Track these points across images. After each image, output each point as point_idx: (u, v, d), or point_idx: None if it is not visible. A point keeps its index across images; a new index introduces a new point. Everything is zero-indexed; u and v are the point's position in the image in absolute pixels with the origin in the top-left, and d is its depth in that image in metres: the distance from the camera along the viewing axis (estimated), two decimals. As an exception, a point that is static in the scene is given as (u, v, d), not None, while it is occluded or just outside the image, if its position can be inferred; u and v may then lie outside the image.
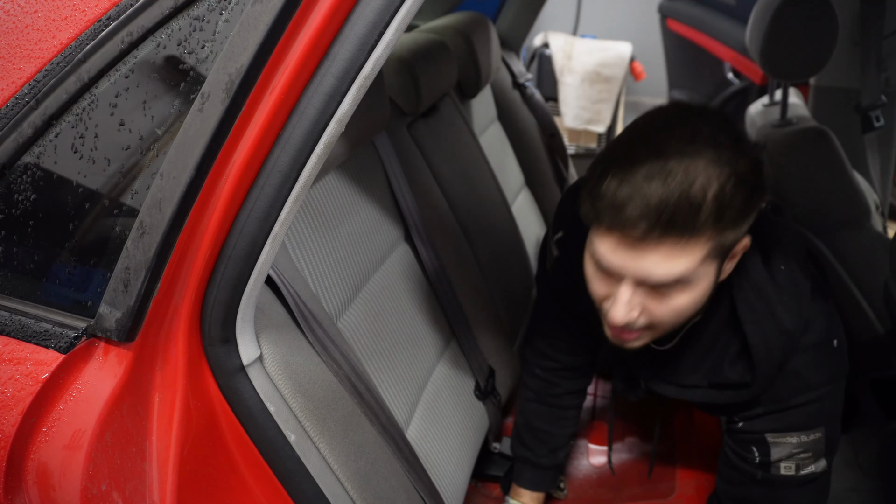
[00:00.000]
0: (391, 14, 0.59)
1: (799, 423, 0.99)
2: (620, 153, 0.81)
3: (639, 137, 0.83)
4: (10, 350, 0.67)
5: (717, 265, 0.84)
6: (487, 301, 1.46)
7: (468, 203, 1.51)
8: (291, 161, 0.63)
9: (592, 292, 0.91)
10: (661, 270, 0.80)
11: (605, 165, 0.81)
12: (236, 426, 0.75)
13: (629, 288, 0.83)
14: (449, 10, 1.97)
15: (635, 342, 0.91)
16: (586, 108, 3.04)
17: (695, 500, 1.36)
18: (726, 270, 0.89)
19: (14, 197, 0.70)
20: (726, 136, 0.80)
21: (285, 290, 0.83)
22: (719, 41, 2.40)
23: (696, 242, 0.79)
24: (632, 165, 0.78)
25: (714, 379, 1.01)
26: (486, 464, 1.42)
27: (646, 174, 0.77)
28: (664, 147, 0.78)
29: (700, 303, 0.87)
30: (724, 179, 0.77)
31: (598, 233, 0.84)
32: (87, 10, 0.67)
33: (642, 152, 0.79)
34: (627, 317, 0.84)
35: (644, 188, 0.76)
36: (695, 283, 0.83)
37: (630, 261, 0.81)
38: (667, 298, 0.84)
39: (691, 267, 0.80)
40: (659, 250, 0.79)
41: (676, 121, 0.83)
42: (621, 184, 0.78)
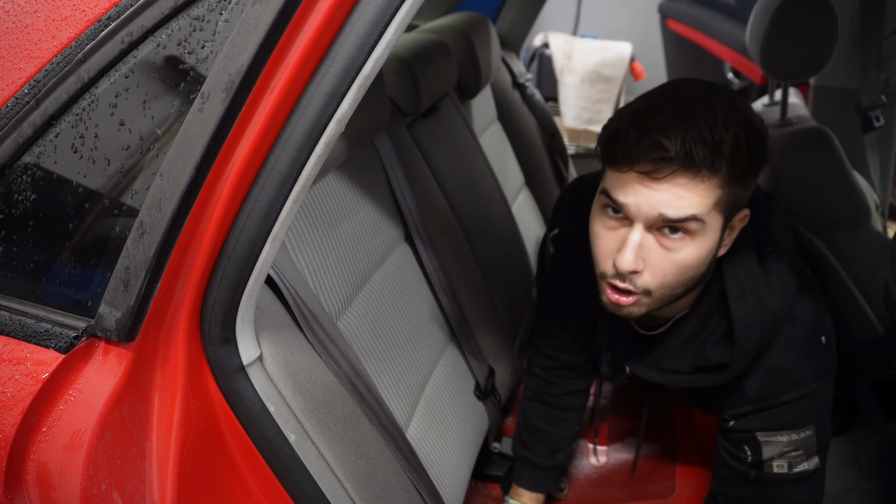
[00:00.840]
0: (391, 14, 0.59)
1: (788, 422, 1.00)
2: (640, 102, 0.84)
3: (658, 91, 0.86)
4: (10, 350, 0.67)
5: (722, 223, 0.85)
6: (487, 301, 1.46)
7: (468, 203, 1.51)
8: (291, 161, 0.63)
9: (599, 254, 0.90)
10: (676, 206, 0.81)
11: (624, 112, 0.84)
12: (236, 426, 0.75)
13: (640, 231, 0.84)
14: (449, 10, 1.97)
15: (632, 308, 0.90)
16: (586, 108, 3.04)
17: (695, 499, 1.36)
18: (725, 243, 0.90)
19: (14, 197, 0.70)
20: (738, 99, 0.85)
21: (285, 290, 0.83)
22: (719, 41, 2.40)
23: (711, 183, 0.81)
24: (654, 107, 0.81)
25: (696, 362, 1.02)
26: (486, 464, 1.42)
27: (668, 112, 0.80)
28: (684, 95, 0.82)
29: (701, 265, 0.87)
30: (741, 126, 0.81)
31: (612, 175, 0.85)
32: (87, 10, 0.67)
33: (661, 100, 0.83)
34: (634, 264, 0.84)
35: (666, 123, 0.79)
36: (701, 235, 0.84)
37: (645, 197, 0.82)
38: (672, 251, 0.84)
39: (704, 208, 0.81)
40: (674, 185, 0.80)
41: (692, 82, 0.87)
42: (642, 121, 0.81)
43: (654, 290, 0.88)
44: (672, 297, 0.90)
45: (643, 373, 1.11)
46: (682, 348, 1.03)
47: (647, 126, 0.80)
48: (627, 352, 1.12)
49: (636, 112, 0.82)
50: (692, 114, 0.79)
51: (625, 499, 1.39)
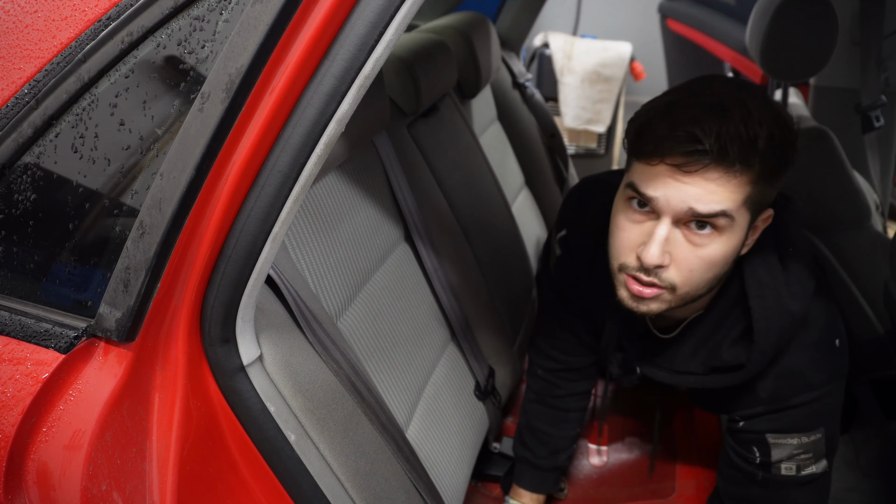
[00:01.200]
0: (391, 14, 0.59)
1: (799, 424, 0.99)
2: (668, 96, 0.83)
3: (684, 87, 0.85)
4: (10, 350, 0.67)
5: (748, 221, 0.84)
6: (487, 301, 1.46)
7: (468, 203, 1.51)
8: (291, 161, 0.63)
9: (620, 246, 0.88)
10: (707, 200, 0.79)
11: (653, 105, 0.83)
12: (236, 426, 0.75)
13: (667, 225, 0.82)
14: (449, 10, 1.97)
15: (652, 304, 0.88)
16: (586, 108, 3.04)
17: (695, 499, 1.36)
18: (748, 243, 0.89)
19: (14, 197, 0.70)
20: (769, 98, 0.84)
21: (285, 290, 0.83)
22: (719, 41, 2.40)
23: (742, 178, 0.79)
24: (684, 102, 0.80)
25: (710, 363, 1.01)
26: (486, 464, 1.42)
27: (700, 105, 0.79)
28: (715, 91, 0.81)
29: (727, 262, 0.86)
30: (775, 123, 0.80)
31: (640, 168, 0.83)
32: (87, 10, 0.67)
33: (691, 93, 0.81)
34: (660, 258, 0.82)
35: (700, 115, 0.78)
36: (729, 231, 0.82)
37: (676, 190, 0.80)
38: (700, 247, 0.83)
39: (734, 204, 0.80)
40: (706, 180, 0.79)
41: (722, 79, 0.86)
42: (673, 115, 0.79)
43: (679, 286, 0.85)
44: (695, 295, 0.89)
45: (654, 374, 1.10)
46: (696, 349, 1.02)
47: (679, 118, 0.78)
48: (638, 352, 1.11)
49: (667, 105, 0.81)
50: (725, 107, 0.78)
51: (625, 499, 1.39)
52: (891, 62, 1.79)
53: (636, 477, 1.44)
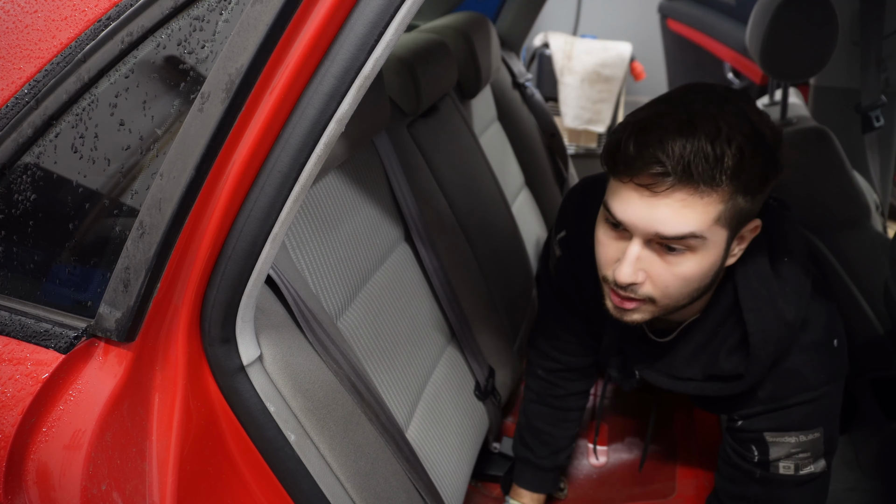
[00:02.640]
0: (391, 14, 0.59)
1: (797, 423, 0.99)
2: (645, 111, 0.83)
3: (664, 99, 0.85)
4: (10, 350, 0.67)
5: (726, 236, 0.84)
6: (487, 301, 1.46)
7: (468, 203, 1.51)
8: (291, 161, 0.63)
9: (601, 260, 0.90)
10: (673, 223, 0.79)
11: (628, 121, 0.82)
12: (236, 426, 0.75)
13: (638, 245, 0.83)
14: (449, 10, 1.97)
15: (635, 315, 0.89)
16: (586, 108, 3.04)
17: (695, 499, 1.36)
18: (734, 254, 0.89)
19: (14, 197, 0.70)
20: (752, 109, 0.82)
21: (285, 290, 0.83)
22: (719, 41, 2.40)
23: (711, 198, 0.78)
24: (656, 118, 0.79)
25: (709, 371, 1.01)
26: (486, 464, 1.42)
27: (669, 124, 0.78)
28: (691, 105, 0.80)
29: (705, 278, 0.86)
30: (747, 138, 0.78)
31: (614, 186, 0.84)
32: (87, 10, 0.67)
33: (667, 108, 0.80)
34: (632, 276, 0.83)
35: (666, 136, 0.77)
36: (703, 249, 0.82)
37: (642, 213, 0.80)
38: (673, 265, 0.83)
39: (703, 225, 0.79)
40: (672, 201, 0.78)
41: (702, 88, 0.85)
42: (643, 133, 0.79)
43: (657, 299, 0.86)
44: (678, 306, 0.89)
45: (654, 378, 1.10)
46: (694, 356, 1.02)
47: (648, 139, 0.78)
48: (637, 356, 1.11)
49: (638, 123, 0.80)
50: (694, 125, 0.77)
51: (625, 499, 1.39)
52: (891, 62, 1.80)
53: (636, 477, 1.44)
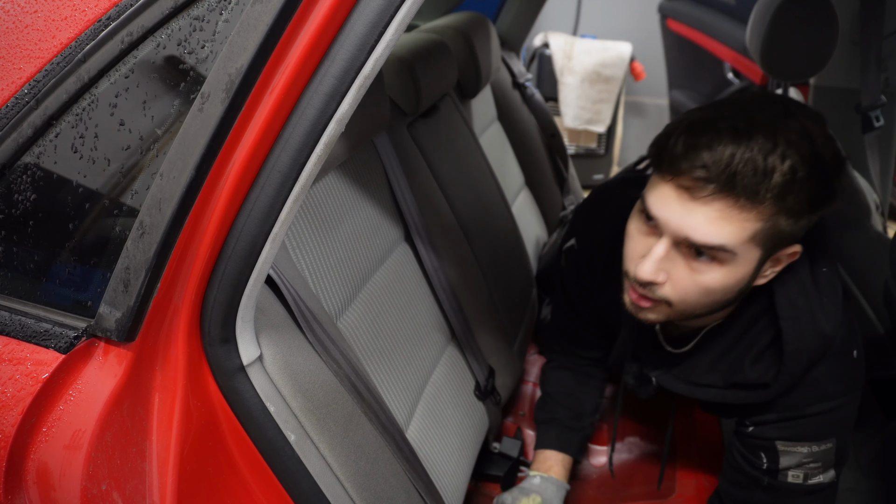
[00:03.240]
0: (391, 14, 0.59)
1: (811, 433, 0.97)
2: (704, 111, 0.79)
3: (727, 102, 0.81)
4: (10, 350, 0.67)
5: (759, 257, 0.80)
6: (487, 301, 1.46)
7: (468, 203, 1.51)
8: (291, 161, 0.63)
9: (627, 252, 0.88)
10: (704, 232, 0.76)
11: (684, 118, 0.79)
12: (236, 426, 0.75)
13: (665, 245, 0.81)
14: (449, 10, 1.97)
15: (649, 314, 0.87)
16: (586, 108, 3.04)
17: (695, 500, 1.36)
18: (766, 275, 0.86)
19: (14, 197, 0.70)
20: (819, 130, 0.77)
21: (285, 289, 0.83)
22: (719, 41, 2.40)
23: (750, 214, 0.75)
24: (713, 120, 0.76)
25: (731, 379, 0.98)
26: (486, 464, 1.42)
27: (724, 128, 0.74)
28: (753, 113, 0.76)
29: (728, 293, 0.83)
30: (803, 159, 0.74)
31: (654, 180, 0.81)
32: (87, 10, 0.67)
33: (727, 112, 0.77)
34: (653, 275, 0.81)
35: (717, 140, 0.73)
36: (731, 264, 0.79)
37: (676, 215, 0.78)
38: (697, 272, 0.81)
39: (736, 240, 0.76)
40: (710, 210, 0.75)
41: (771, 98, 0.80)
42: (694, 133, 0.75)
43: (674, 303, 0.84)
44: (694, 314, 0.87)
45: (671, 385, 1.07)
46: (715, 363, 0.99)
47: (698, 140, 0.75)
48: (654, 363, 1.08)
49: (693, 122, 0.77)
50: (750, 135, 0.73)
51: (624, 499, 1.39)
52: (891, 62, 1.79)
53: (636, 477, 1.44)
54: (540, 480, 1.25)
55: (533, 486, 1.24)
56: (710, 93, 2.59)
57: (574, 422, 1.27)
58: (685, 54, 2.71)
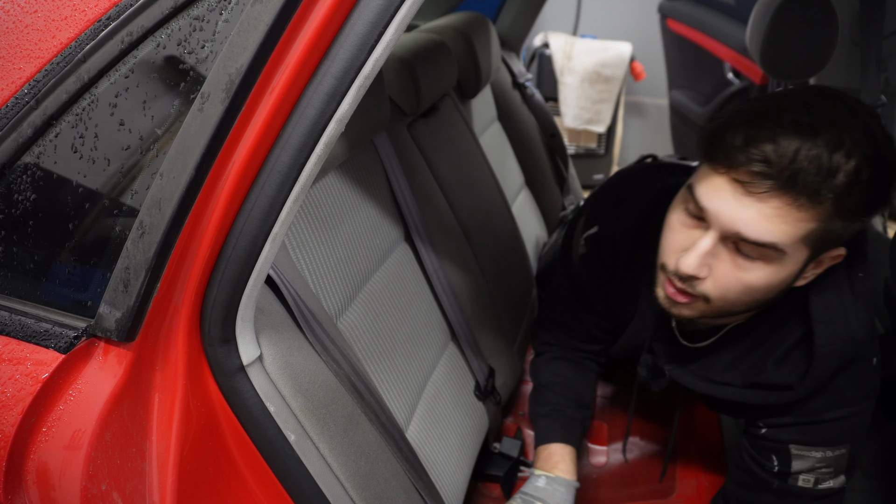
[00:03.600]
0: (391, 14, 0.59)
1: (827, 438, 0.96)
2: (762, 102, 0.75)
3: (786, 94, 0.77)
4: (10, 350, 0.67)
5: (806, 257, 0.78)
6: (487, 301, 1.46)
7: (468, 203, 1.51)
8: (291, 161, 0.63)
9: (666, 245, 0.84)
10: (757, 229, 0.73)
11: (742, 108, 0.75)
12: (236, 426, 0.75)
13: (712, 239, 0.77)
14: (449, 10, 1.97)
15: (685, 309, 0.85)
16: (586, 108, 3.05)
17: (695, 500, 1.36)
18: (807, 276, 0.83)
19: (14, 197, 0.70)
20: (880, 129, 0.74)
21: (285, 289, 0.83)
22: (719, 41, 2.40)
23: (807, 214, 0.72)
24: (774, 112, 0.72)
25: (752, 378, 0.95)
26: (486, 464, 1.42)
27: (788, 122, 0.70)
28: (817, 108, 0.72)
29: (769, 292, 0.81)
30: (868, 160, 0.71)
31: (705, 172, 0.78)
32: (87, 10, 0.67)
33: (788, 104, 0.73)
34: (697, 269, 0.78)
35: (780, 134, 0.70)
36: (778, 263, 0.77)
37: (729, 209, 0.74)
38: (742, 269, 0.78)
39: (789, 240, 0.73)
40: (766, 206, 0.72)
41: (833, 94, 0.76)
42: (755, 125, 0.72)
43: (713, 300, 0.82)
44: (730, 312, 0.85)
45: (686, 380, 1.04)
46: (736, 361, 0.97)
47: (759, 133, 0.71)
48: (669, 357, 1.05)
49: (753, 113, 0.73)
50: (816, 130, 0.69)
51: (625, 499, 1.39)
52: (891, 62, 1.80)
53: (636, 477, 1.44)
54: (546, 482, 1.16)
55: (538, 490, 1.15)
56: (710, 93, 2.59)
57: (577, 412, 1.22)
58: (685, 54, 2.71)
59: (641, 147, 3.38)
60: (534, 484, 1.16)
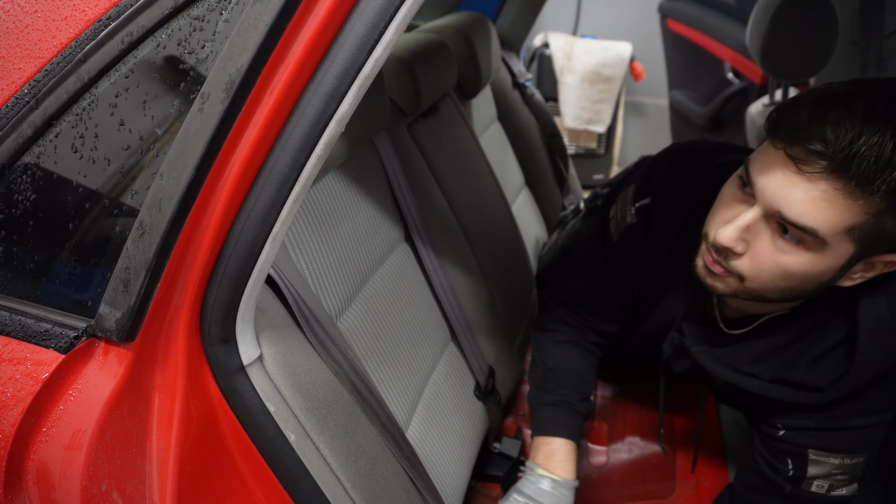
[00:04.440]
0: (391, 14, 0.59)
1: (847, 446, 0.94)
2: (841, 86, 0.73)
3: (868, 81, 0.74)
4: (10, 350, 0.67)
5: (852, 254, 0.75)
6: (487, 301, 1.46)
7: (468, 203, 1.51)
8: (291, 161, 0.63)
9: (713, 215, 0.83)
10: (799, 210, 0.71)
11: (815, 90, 0.73)
12: (236, 426, 0.75)
13: (754, 214, 0.76)
14: (449, 10, 1.97)
15: (718, 283, 0.83)
16: (586, 108, 3.04)
17: (695, 500, 1.36)
18: (854, 277, 0.80)
19: (14, 197, 0.70)
20: None
21: (285, 289, 0.83)
22: (719, 41, 2.40)
23: (856, 204, 0.69)
24: (848, 95, 0.70)
25: (782, 374, 0.93)
26: (486, 464, 1.42)
27: (858, 106, 0.68)
28: (893, 94, 0.69)
29: (807, 283, 0.79)
30: None
31: (765, 146, 0.76)
32: (87, 10, 0.67)
33: (866, 89, 0.70)
34: (732, 242, 0.77)
35: (847, 116, 0.68)
36: (818, 253, 0.74)
37: (775, 184, 0.72)
38: (780, 251, 0.76)
39: (831, 227, 0.71)
40: (813, 187, 0.70)
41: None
42: (824, 105, 0.70)
43: (747, 278, 0.80)
44: (764, 296, 0.82)
45: (709, 365, 1.00)
46: (768, 354, 0.94)
47: (827, 112, 0.69)
48: (698, 339, 1.01)
49: (829, 94, 0.71)
50: (886, 118, 0.67)
51: (625, 499, 1.39)
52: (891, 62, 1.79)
53: (636, 477, 1.44)
54: (551, 486, 1.12)
55: (543, 495, 1.11)
56: (710, 93, 2.59)
57: (582, 405, 1.18)
58: (685, 54, 2.71)
59: (641, 147, 3.38)
60: (537, 485, 1.13)
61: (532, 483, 1.14)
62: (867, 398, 0.90)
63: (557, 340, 1.22)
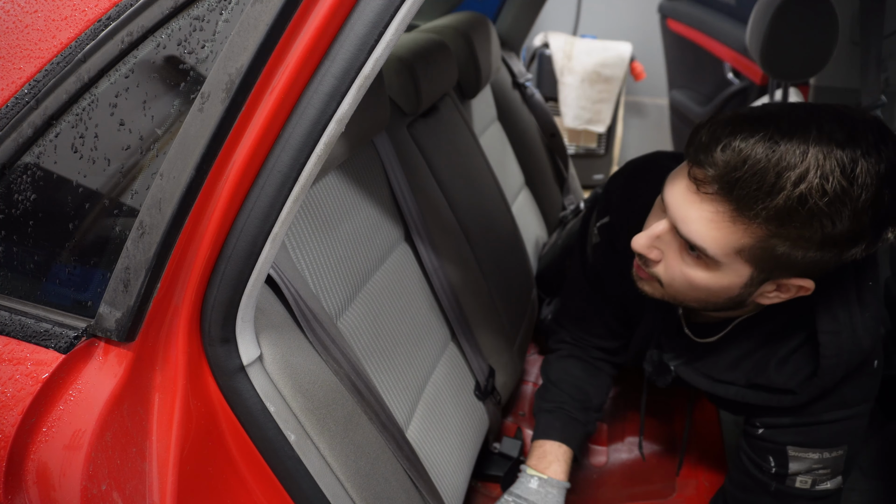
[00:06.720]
0: (391, 14, 0.59)
1: (825, 440, 0.96)
2: (759, 110, 0.74)
3: (791, 107, 0.73)
4: (10, 350, 0.67)
5: (750, 275, 0.78)
6: (487, 301, 1.46)
7: (468, 203, 1.51)
8: (291, 161, 0.63)
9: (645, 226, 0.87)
10: (691, 229, 0.76)
11: (729, 113, 0.75)
12: (236, 426, 0.75)
13: (665, 226, 0.81)
14: (449, 10, 1.97)
15: (645, 285, 0.89)
16: (586, 108, 3.04)
17: (695, 500, 1.36)
18: (769, 296, 0.83)
19: (14, 197, 0.70)
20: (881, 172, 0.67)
21: (286, 289, 0.83)
22: (719, 41, 2.40)
23: (739, 227, 0.72)
24: (754, 119, 0.71)
25: (755, 379, 0.96)
26: (486, 464, 1.42)
27: (758, 131, 0.69)
28: (806, 124, 0.68)
29: (713, 297, 0.83)
30: (823, 192, 0.66)
31: (684, 164, 0.80)
32: (87, 10, 0.67)
33: (777, 114, 0.71)
34: (644, 249, 0.83)
35: (741, 140, 0.69)
36: (716, 271, 0.79)
37: (676, 202, 0.77)
38: (685, 264, 0.81)
39: (719, 249, 0.75)
40: (704, 208, 0.74)
41: (847, 117, 0.70)
42: (726, 127, 0.72)
43: (664, 284, 0.85)
44: (685, 302, 0.87)
45: (690, 377, 1.04)
46: (739, 360, 0.97)
47: (721, 135, 0.71)
48: (675, 351, 1.06)
49: (735, 118, 0.72)
50: (777, 145, 0.67)
51: (625, 499, 1.39)
52: (891, 62, 1.80)
53: (636, 477, 1.44)
54: (538, 484, 1.15)
55: (530, 493, 1.15)
56: (710, 93, 2.59)
57: (580, 413, 1.20)
58: (685, 54, 2.71)
59: (641, 147, 3.38)
60: (525, 485, 1.16)
61: (521, 483, 1.17)
62: (841, 393, 0.93)
63: (559, 356, 1.28)
